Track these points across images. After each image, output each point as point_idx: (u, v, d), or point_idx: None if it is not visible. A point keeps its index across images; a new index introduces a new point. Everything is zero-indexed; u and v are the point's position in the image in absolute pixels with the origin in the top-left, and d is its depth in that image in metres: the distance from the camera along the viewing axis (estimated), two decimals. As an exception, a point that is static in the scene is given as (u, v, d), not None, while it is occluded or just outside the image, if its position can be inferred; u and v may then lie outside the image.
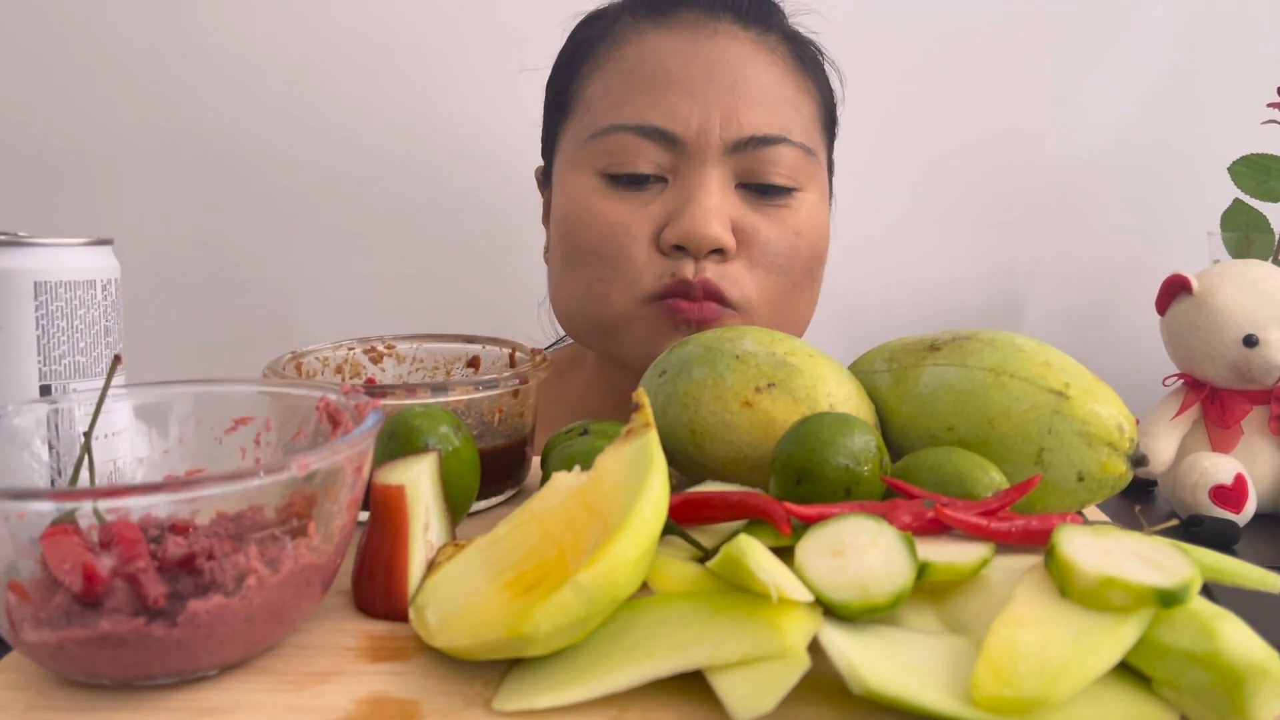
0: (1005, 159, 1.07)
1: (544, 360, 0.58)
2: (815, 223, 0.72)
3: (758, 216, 0.70)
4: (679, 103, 0.68)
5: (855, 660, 0.31)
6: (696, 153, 0.68)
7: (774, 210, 0.70)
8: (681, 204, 0.68)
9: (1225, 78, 1.04)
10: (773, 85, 0.70)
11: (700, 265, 0.68)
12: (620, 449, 0.38)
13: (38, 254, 0.47)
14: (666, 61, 0.70)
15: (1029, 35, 1.05)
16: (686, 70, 0.69)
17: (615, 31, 0.73)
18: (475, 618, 0.35)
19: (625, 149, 0.69)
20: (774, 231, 0.70)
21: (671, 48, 0.70)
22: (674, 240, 0.67)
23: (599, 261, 0.70)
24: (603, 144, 0.70)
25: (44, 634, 0.33)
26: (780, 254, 0.70)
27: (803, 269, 0.71)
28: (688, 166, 0.69)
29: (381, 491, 0.41)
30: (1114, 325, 1.08)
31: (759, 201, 0.70)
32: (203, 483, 0.32)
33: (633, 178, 0.69)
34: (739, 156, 0.69)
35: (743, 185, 0.70)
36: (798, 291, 0.72)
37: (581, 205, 0.70)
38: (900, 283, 1.08)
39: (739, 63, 0.70)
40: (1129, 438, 0.47)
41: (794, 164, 0.70)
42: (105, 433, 0.43)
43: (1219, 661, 0.30)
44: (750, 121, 0.68)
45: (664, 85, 0.69)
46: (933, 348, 0.51)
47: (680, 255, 0.68)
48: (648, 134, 0.68)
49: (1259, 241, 0.85)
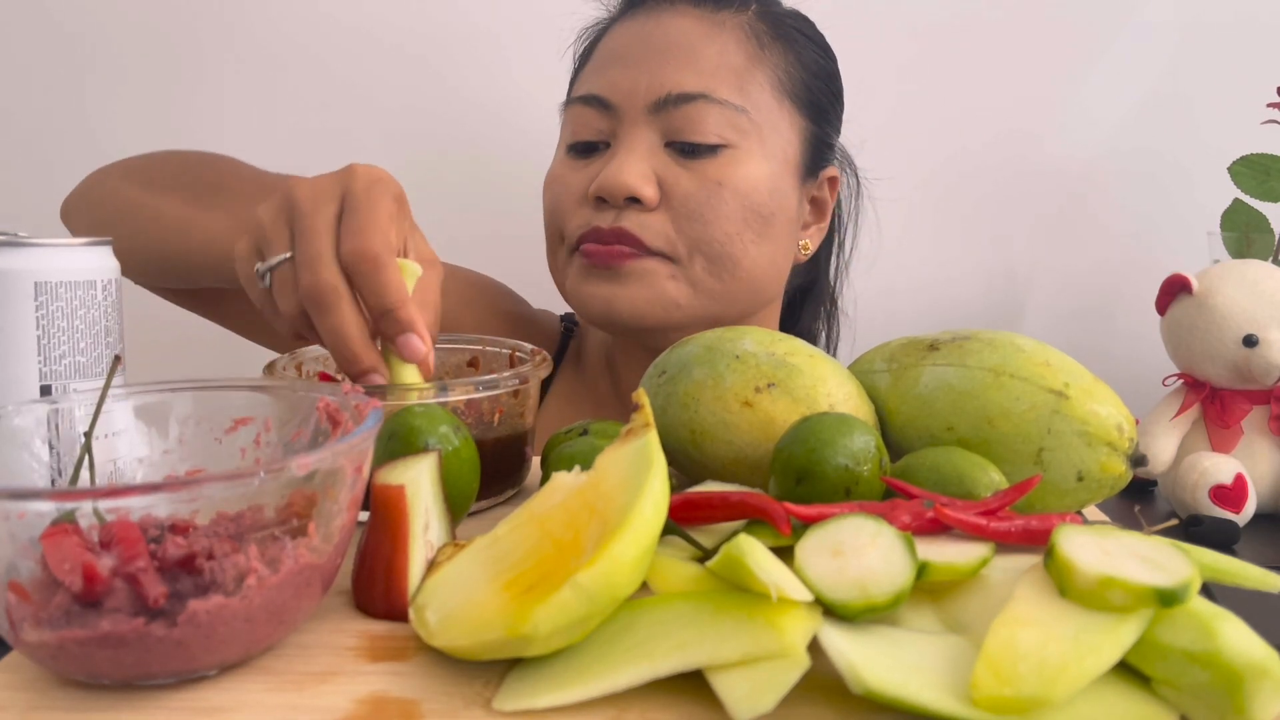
0: (1005, 160, 1.07)
1: (544, 360, 0.58)
2: (746, 176, 0.74)
3: (682, 171, 0.73)
4: (617, 74, 0.75)
5: (855, 660, 0.31)
6: (625, 114, 0.74)
7: (698, 165, 0.73)
8: (608, 161, 0.73)
9: (1224, 78, 1.04)
10: (709, 52, 0.74)
11: (620, 215, 0.72)
12: (620, 449, 0.38)
13: (38, 254, 0.47)
14: (620, 42, 0.77)
15: (1029, 37, 1.05)
16: (629, 46, 0.76)
17: (604, 29, 0.81)
18: (475, 618, 0.35)
19: (576, 119, 0.77)
20: (694, 183, 0.73)
21: (628, 30, 0.77)
22: (594, 192, 0.73)
23: (549, 225, 0.78)
24: (566, 118, 0.79)
25: (44, 634, 0.33)
26: (701, 203, 0.72)
27: (734, 219, 0.73)
28: (620, 129, 0.74)
29: (381, 491, 0.41)
30: (1114, 325, 1.08)
31: (687, 160, 0.73)
32: (203, 483, 0.32)
33: (584, 145, 0.76)
34: (663, 115, 0.73)
35: (672, 145, 0.74)
36: (735, 245, 0.74)
37: (549, 178, 0.79)
38: (900, 283, 1.08)
39: (678, 35, 0.75)
40: (1128, 438, 0.47)
41: (719, 120, 0.73)
42: (105, 433, 0.43)
43: (1219, 661, 0.30)
44: (673, 81, 0.73)
45: (610, 62, 0.77)
46: (933, 348, 0.51)
47: (602, 206, 0.73)
48: (588, 102, 0.76)
49: (1259, 241, 0.85)
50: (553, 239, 0.78)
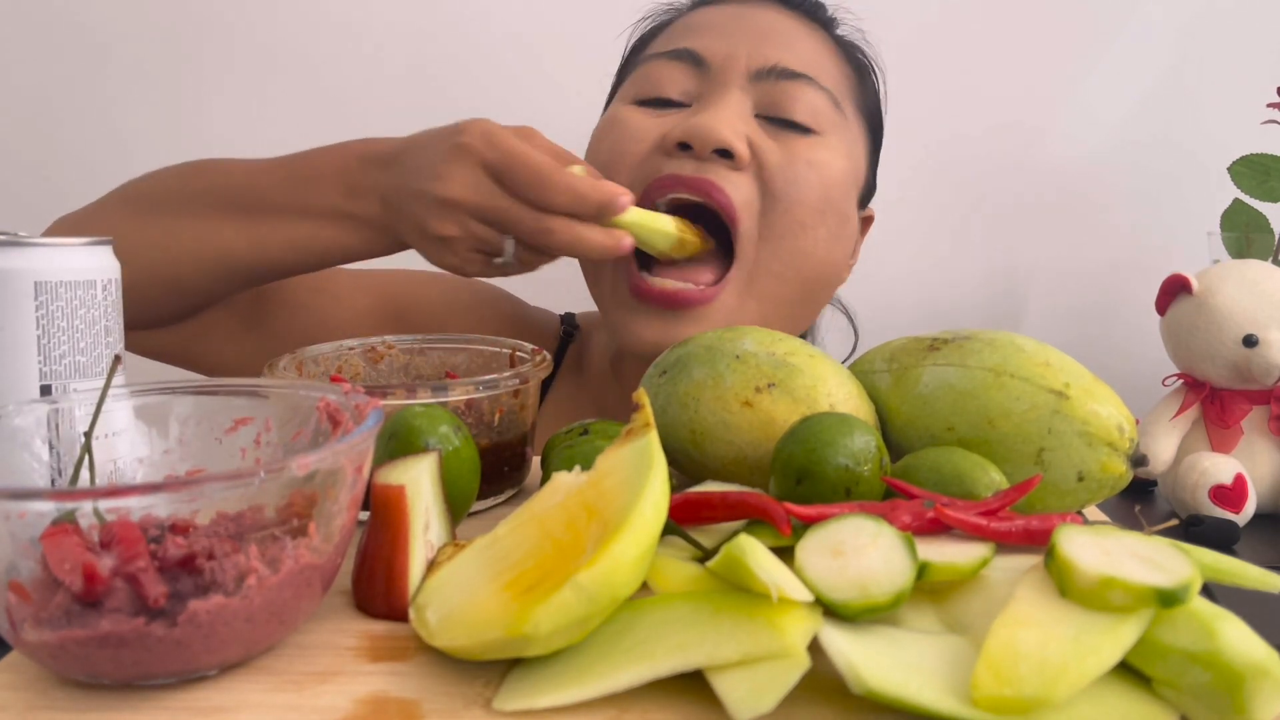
0: (1005, 159, 1.07)
1: (544, 360, 0.58)
2: (832, 165, 0.70)
3: (774, 143, 0.69)
4: (712, 39, 0.71)
5: (855, 660, 0.31)
6: (719, 75, 0.70)
7: (790, 140, 0.69)
8: (696, 113, 0.68)
9: (1225, 77, 1.04)
10: (806, 43, 0.72)
11: (704, 166, 0.66)
12: (620, 449, 0.38)
13: (38, 254, 0.46)
14: (707, 18, 0.74)
15: (1028, 35, 1.05)
16: (723, 22, 0.72)
17: (673, 19, 0.78)
18: (475, 618, 0.35)
19: (656, 73, 0.71)
20: (786, 157, 0.68)
21: (713, 12, 0.74)
22: (678, 137, 0.67)
23: (604, 165, 0.69)
24: (638, 73, 0.73)
25: (44, 634, 0.33)
26: (789, 179, 0.67)
27: (816, 206, 0.68)
28: (711, 89, 0.70)
29: (381, 491, 0.41)
30: (1114, 325, 1.08)
31: (777, 131, 0.69)
32: (203, 483, 0.32)
33: (659, 100, 0.71)
34: (762, 85, 0.69)
35: (763, 117, 0.70)
36: (809, 236, 0.69)
37: (605, 121, 0.73)
38: (900, 283, 1.08)
39: (774, 21, 0.72)
40: (1129, 438, 0.47)
41: (816, 105, 0.70)
42: (105, 433, 0.43)
43: (1219, 661, 0.30)
44: (777, 55, 0.70)
45: (701, 30, 0.72)
46: (933, 348, 0.51)
47: (682, 154, 0.67)
48: (678, 56, 0.71)
49: (1259, 241, 0.85)
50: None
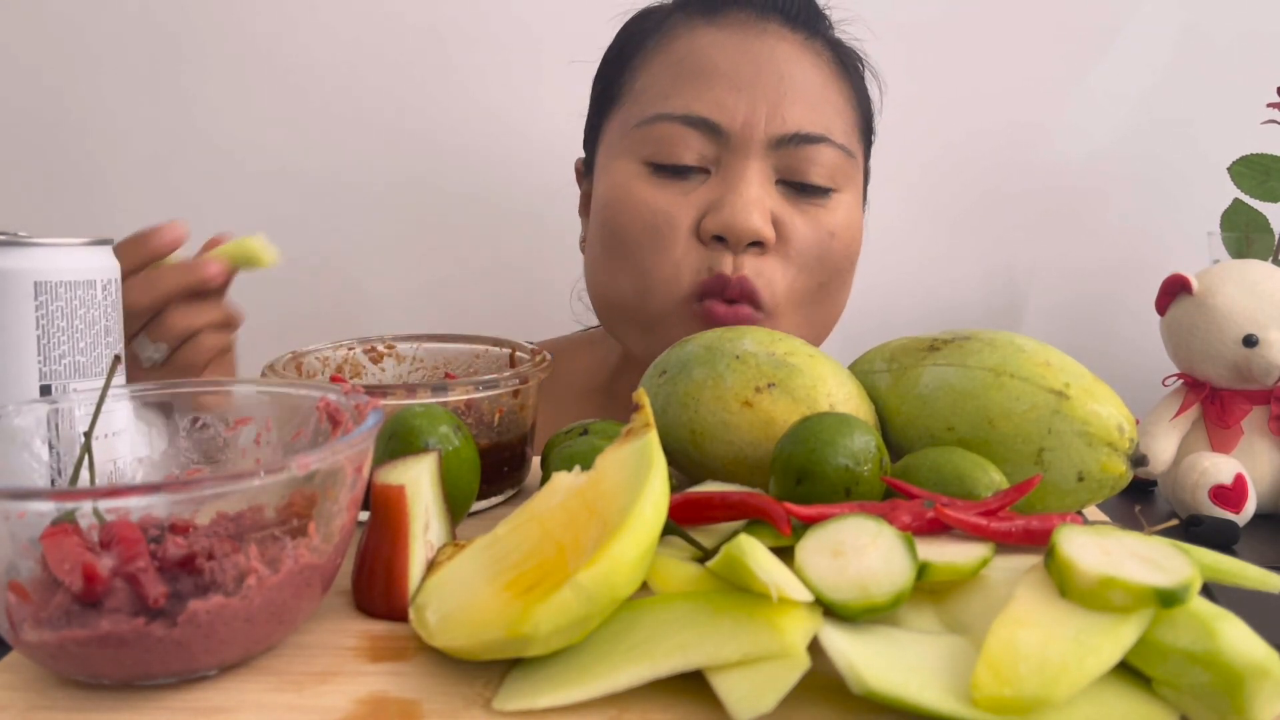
0: (1005, 159, 1.07)
1: (544, 360, 0.58)
2: (849, 224, 0.72)
3: (795, 213, 0.70)
4: (726, 95, 0.70)
5: (855, 660, 0.31)
6: (740, 145, 0.69)
7: (811, 209, 0.71)
8: (723, 194, 0.69)
9: (1225, 78, 1.04)
10: (817, 86, 0.72)
11: (738, 259, 0.69)
12: (620, 449, 0.38)
13: (38, 254, 0.47)
14: (715, 55, 0.71)
15: (1028, 35, 1.05)
16: (735, 65, 0.70)
17: (667, 26, 0.75)
18: (475, 618, 0.35)
19: (671, 138, 0.70)
20: (810, 230, 0.70)
21: (720, 43, 0.72)
22: (714, 230, 0.68)
23: (640, 250, 0.71)
24: (649, 132, 0.71)
25: (44, 634, 0.33)
26: (813, 253, 0.70)
27: (832, 270, 0.72)
28: (731, 158, 0.70)
29: (381, 491, 0.41)
30: (1114, 325, 1.08)
31: (797, 199, 0.71)
32: (202, 483, 0.32)
33: (676, 168, 0.70)
34: (781, 152, 0.70)
35: (782, 182, 0.71)
36: (825, 293, 0.73)
37: (624, 191, 0.72)
38: (900, 283, 1.08)
39: (786, 61, 0.71)
40: (1129, 438, 0.47)
41: (834, 164, 0.71)
42: (105, 433, 0.43)
43: (1219, 661, 0.30)
44: (795, 119, 0.70)
45: (712, 78, 0.70)
46: (933, 348, 0.51)
47: (719, 247, 0.69)
48: (694, 124, 0.70)
49: (1259, 241, 0.85)
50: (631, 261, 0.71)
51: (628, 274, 0.72)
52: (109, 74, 1.04)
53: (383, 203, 1.06)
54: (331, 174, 1.06)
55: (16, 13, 1.03)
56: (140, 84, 1.04)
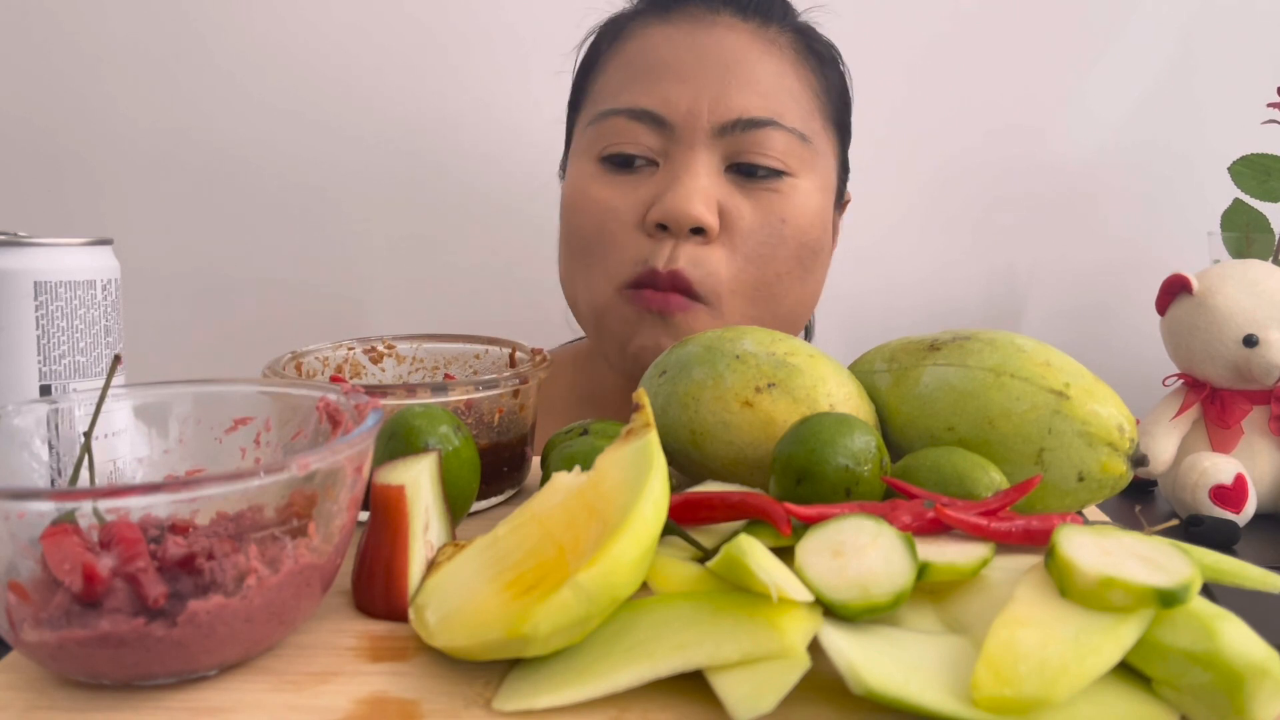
0: (1005, 159, 1.07)
1: (544, 360, 0.58)
2: (805, 210, 0.71)
3: (744, 200, 0.70)
4: (670, 88, 0.70)
5: (855, 660, 0.31)
6: (685, 135, 0.70)
7: (762, 194, 0.70)
8: (668, 184, 0.69)
9: (1225, 78, 1.04)
10: (767, 73, 0.71)
11: (679, 247, 0.68)
12: (620, 449, 0.38)
13: (38, 254, 0.47)
14: (663, 51, 0.72)
15: (1028, 36, 1.05)
16: (680, 58, 0.71)
17: (623, 28, 0.76)
18: (475, 618, 0.35)
19: (617, 132, 0.71)
20: (758, 216, 0.70)
21: (670, 37, 0.72)
22: (656, 219, 0.69)
23: (590, 247, 0.72)
24: (599, 129, 0.72)
25: (44, 634, 0.33)
26: (762, 241, 0.70)
27: (789, 259, 0.71)
28: (676, 149, 0.70)
29: (381, 491, 0.41)
30: (1114, 325, 1.08)
31: (747, 184, 0.70)
32: (203, 483, 0.32)
33: (623, 158, 0.71)
34: (728, 139, 0.70)
35: (732, 168, 0.70)
36: (783, 284, 0.71)
37: (578, 190, 0.73)
38: (900, 283, 1.08)
39: (733, 50, 0.71)
40: (1129, 438, 0.47)
41: (785, 148, 0.70)
42: (105, 433, 0.43)
43: (1219, 661, 0.30)
44: (740, 104, 0.69)
45: (659, 72, 0.71)
46: (933, 348, 0.51)
47: (662, 235, 0.69)
48: (638, 117, 0.70)
49: (1259, 241, 0.85)
50: (585, 259, 0.72)
51: (581, 272, 0.73)
52: (109, 74, 1.04)
53: (383, 203, 1.06)
54: (332, 174, 1.06)
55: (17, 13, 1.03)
56: (140, 84, 1.04)
